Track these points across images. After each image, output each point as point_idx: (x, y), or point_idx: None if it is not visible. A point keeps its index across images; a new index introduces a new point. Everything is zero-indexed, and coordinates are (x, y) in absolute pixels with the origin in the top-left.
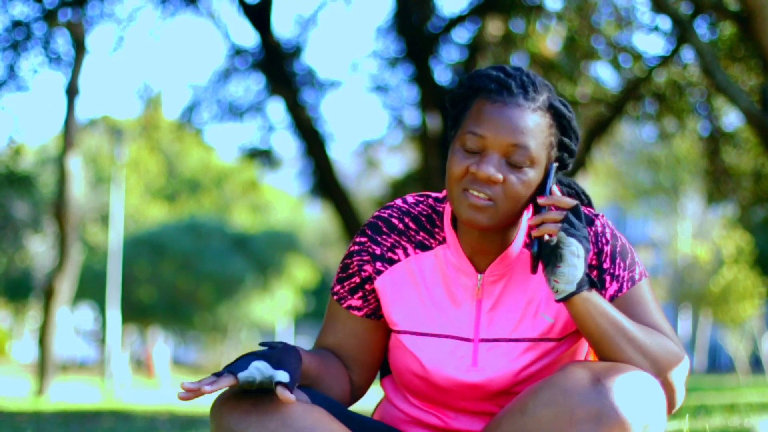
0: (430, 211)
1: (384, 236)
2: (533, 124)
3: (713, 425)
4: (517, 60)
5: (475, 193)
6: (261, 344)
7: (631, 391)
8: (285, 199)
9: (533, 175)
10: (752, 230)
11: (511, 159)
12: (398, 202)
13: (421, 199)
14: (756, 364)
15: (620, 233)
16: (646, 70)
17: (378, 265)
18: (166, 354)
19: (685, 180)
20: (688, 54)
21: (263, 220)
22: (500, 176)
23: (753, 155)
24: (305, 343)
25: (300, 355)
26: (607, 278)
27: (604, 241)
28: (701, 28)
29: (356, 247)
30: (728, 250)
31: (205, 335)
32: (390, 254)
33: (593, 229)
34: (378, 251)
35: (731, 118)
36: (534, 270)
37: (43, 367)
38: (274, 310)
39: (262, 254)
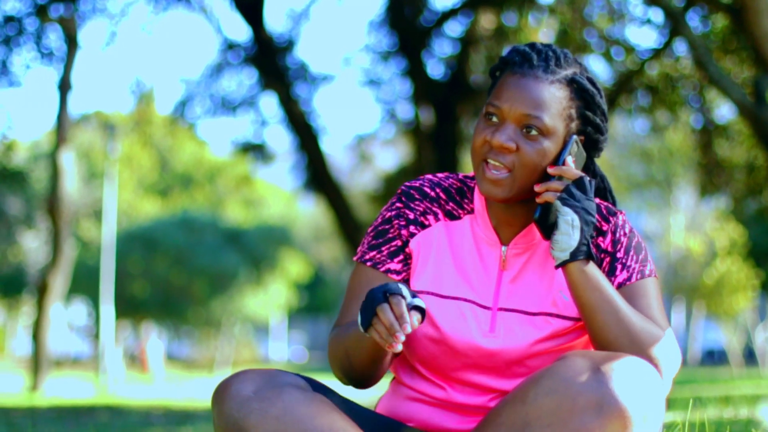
0: (460, 184)
1: (417, 202)
2: (549, 96)
3: (708, 417)
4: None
5: (492, 162)
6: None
7: (632, 381)
8: (278, 194)
9: (548, 146)
10: (745, 222)
11: (525, 128)
12: (428, 175)
13: (452, 175)
14: (749, 356)
15: (639, 233)
16: (639, 63)
17: (412, 228)
18: (160, 349)
19: (678, 172)
20: (680, 46)
21: (256, 215)
22: (513, 144)
23: (746, 147)
24: (299, 336)
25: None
26: (618, 266)
27: (622, 233)
28: (693, 20)
29: (393, 212)
30: (721, 243)
31: (199, 330)
32: (422, 219)
33: (614, 219)
34: (411, 216)
35: (724, 111)
36: (545, 235)
37: (37, 363)
38: (268, 304)
39: (255, 249)
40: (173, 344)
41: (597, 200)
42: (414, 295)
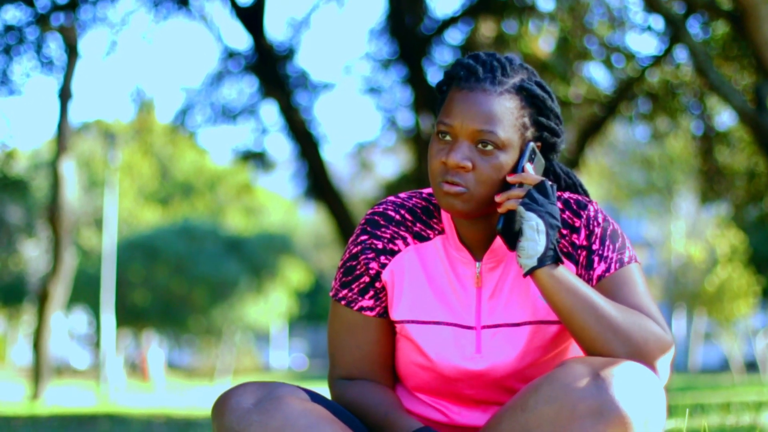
0: (425, 203)
1: (383, 229)
2: (500, 108)
3: (710, 424)
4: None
5: (449, 181)
6: None
7: (632, 386)
8: (279, 202)
9: (504, 158)
10: (746, 229)
11: (480, 145)
12: (391, 197)
13: (414, 194)
14: (750, 363)
15: (614, 220)
16: (639, 70)
17: (382, 259)
18: (161, 357)
19: (679, 179)
20: (681, 53)
21: (257, 223)
22: (469, 163)
23: (746, 154)
24: (300, 344)
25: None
26: (596, 259)
27: (595, 224)
28: (694, 27)
29: (359, 247)
30: (722, 250)
31: (200, 338)
32: (391, 245)
33: (585, 212)
34: (380, 245)
35: (724, 118)
36: (509, 246)
37: (38, 372)
38: (269, 312)
39: (256, 257)
40: (174, 353)
41: (566, 194)
42: None
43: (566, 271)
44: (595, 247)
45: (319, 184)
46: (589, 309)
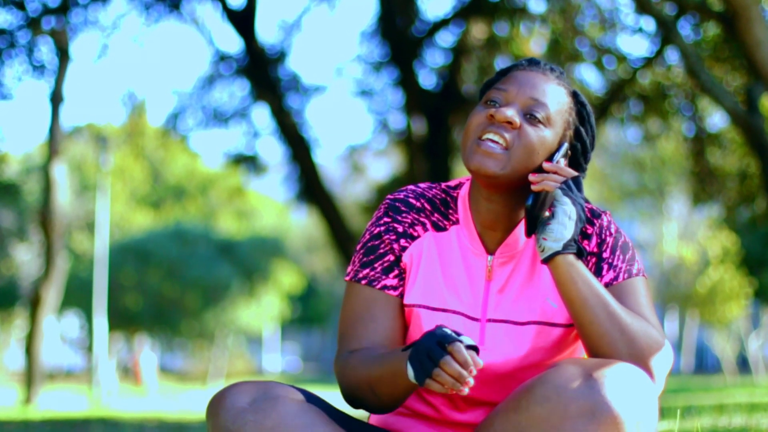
0: (443, 195)
1: (403, 214)
2: (555, 92)
3: (702, 426)
4: (502, 63)
5: (491, 137)
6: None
7: (624, 387)
8: (271, 205)
9: (548, 135)
10: (738, 231)
11: (529, 114)
12: (410, 186)
13: (433, 185)
14: (743, 364)
15: (626, 234)
16: (631, 72)
17: (402, 242)
18: (153, 361)
19: (671, 181)
20: (672, 55)
21: (249, 226)
22: (518, 120)
23: (738, 156)
24: (293, 348)
25: None
26: (605, 266)
27: (608, 233)
28: (685, 29)
29: (382, 228)
30: (714, 251)
31: (192, 342)
32: (411, 230)
33: (599, 221)
34: (401, 229)
35: (716, 119)
36: (529, 230)
37: (30, 376)
38: (261, 316)
39: (248, 260)
40: (166, 356)
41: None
42: (459, 334)
43: (583, 266)
44: (605, 255)
45: (311, 187)
46: (602, 305)
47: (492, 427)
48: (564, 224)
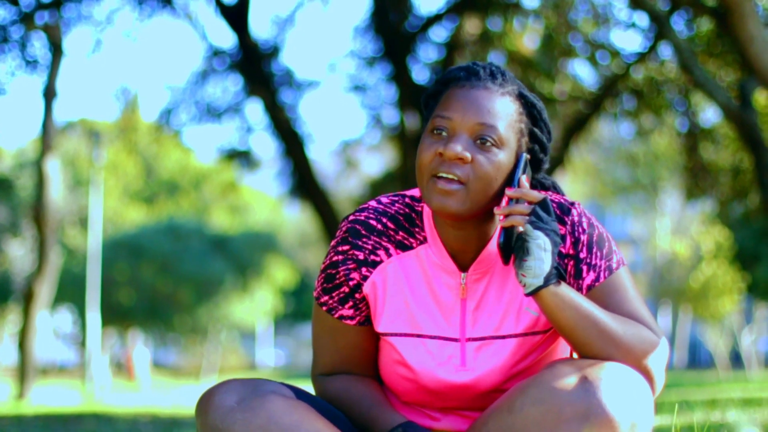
0: (407, 210)
1: (364, 239)
2: (501, 107)
3: (695, 421)
4: (495, 58)
5: (445, 175)
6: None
7: (619, 389)
8: (264, 200)
9: (503, 158)
10: (731, 226)
11: (479, 140)
12: (372, 203)
13: (396, 198)
14: (735, 359)
15: (597, 222)
16: (624, 67)
17: (363, 270)
18: (146, 356)
19: (664, 176)
20: (665, 50)
21: (242, 222)
22: (468, 154)
23: (731, 151)
24: (284, 342)
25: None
26: (584, 268)
27: (580, 230)
28: (678, 24)
29: (340, 257)
30: (707, 246)
31: (185, 337)
32: (372, 257)
33: (569, 218)
34: (361, 256)
35: (709, 114)
36: (505, 261)
37: (23, 371)
38: (254, 311)
39: (241, 255)
40: (159, 351)
41: (549, 195)
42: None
43: (567, 288)
44: (582, 255)
45: (304, 183)
46: (592, 325)
47: (485, 427)
48: (541, 258)
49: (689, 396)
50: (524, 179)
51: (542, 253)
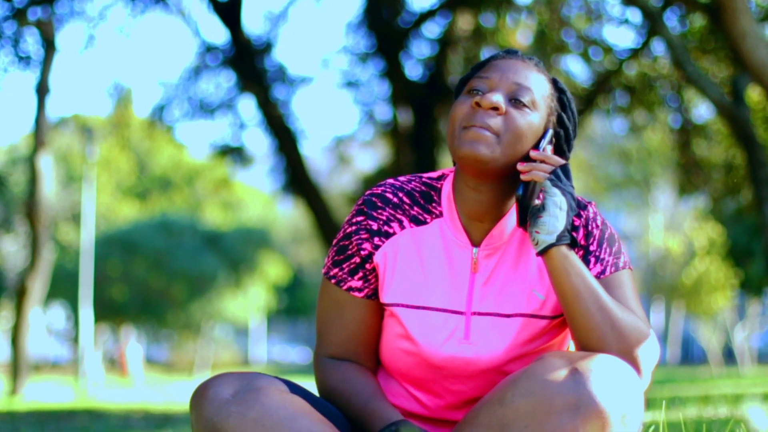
0: (424, 187)
1: (379, 211)
2: (536, 79)
3: (687, 416)
4: (488, 54)
5: (478, 124)
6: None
7: (609, 381)
8: (257, 196)
9: (535, 119)
10: (724, 222)
11: (514, 99)
12: (390, 180)
13: (413, 177)
14: (728, 355)
15: (611, 225)
16: (617, 63)
17: (376, 240)
18: (139, 352)
19: (657, 172)
20: (658, 46)
21: (235, 218)
22: (504, 105)
23: (724, 147)
24: (279, 338)
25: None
26: (592, 259)
27: (594, 225)
28: (671, 20)
29: (353, 227)
30: (700, 242)
31: (178, 333)
32: (386, 228)
33: (585, 213)
34: (375, 226)
35: (702, 110)
36: (521, 221)
37: (16, 367)
38: (247, 307)
39: (234, 251)
40: (152, 347)
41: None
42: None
43: (576, 257)
44: (592, 248)
45: (297, 179)
46: (595, 297)
47: (477, 419)
48: (556, 216)
49: (682, 392)
50: (549, 149)
51: (557, 210)
